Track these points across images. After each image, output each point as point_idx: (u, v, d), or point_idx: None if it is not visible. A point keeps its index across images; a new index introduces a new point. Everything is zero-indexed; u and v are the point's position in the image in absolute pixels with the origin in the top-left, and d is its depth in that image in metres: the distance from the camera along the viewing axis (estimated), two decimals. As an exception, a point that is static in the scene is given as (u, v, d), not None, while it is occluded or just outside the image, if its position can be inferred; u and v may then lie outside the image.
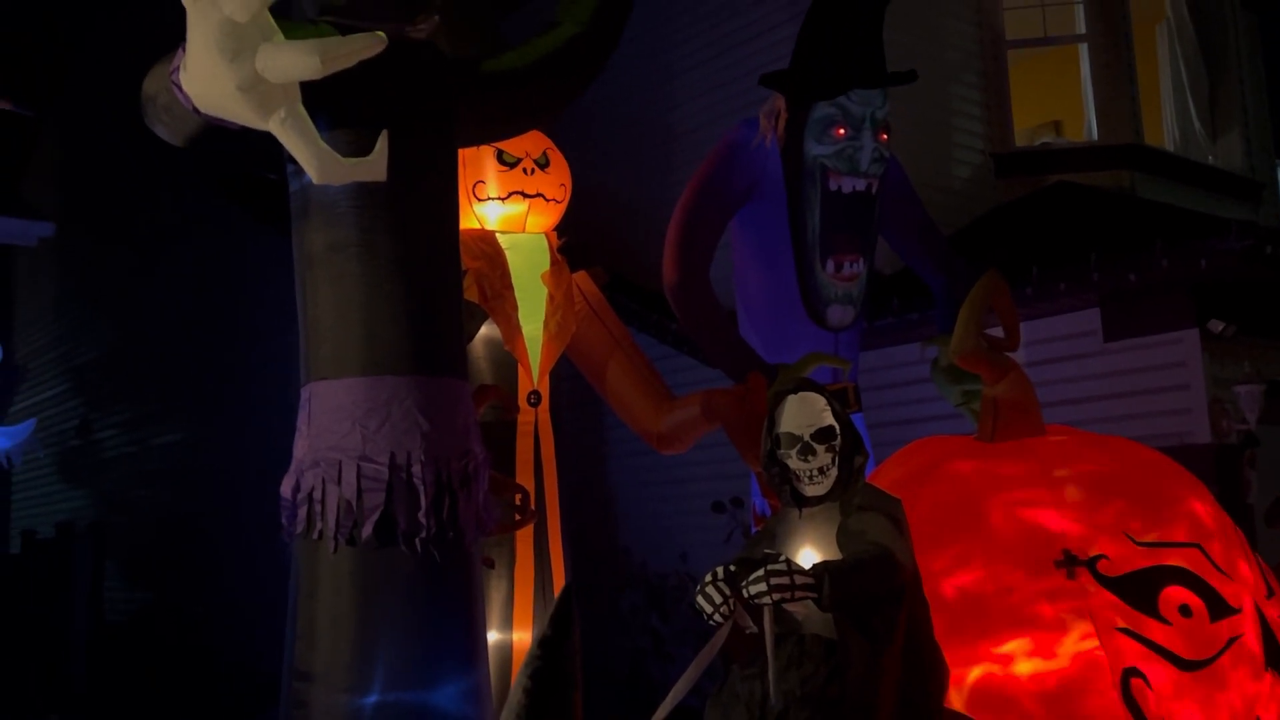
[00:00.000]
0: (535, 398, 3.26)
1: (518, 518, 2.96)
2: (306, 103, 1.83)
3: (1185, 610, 2.39)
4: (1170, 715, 2.31)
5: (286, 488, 2.23)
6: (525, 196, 3.31)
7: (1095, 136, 6.75)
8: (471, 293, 3.13)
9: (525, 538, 3.12)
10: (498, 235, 3.30)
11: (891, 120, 3.45)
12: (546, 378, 3.31)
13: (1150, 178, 6.57)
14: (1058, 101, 7.89)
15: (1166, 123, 7.41)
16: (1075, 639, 2.36)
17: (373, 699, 2.09)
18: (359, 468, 2.15)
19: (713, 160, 3.51)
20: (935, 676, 2.15)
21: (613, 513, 6.94)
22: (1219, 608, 2.42)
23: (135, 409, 10.64)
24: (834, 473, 2.23)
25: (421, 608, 2.16)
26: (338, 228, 2.19)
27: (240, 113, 1.80)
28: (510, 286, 3.26)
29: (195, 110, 1.89)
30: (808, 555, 2.18)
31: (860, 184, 3.37)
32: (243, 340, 8.79)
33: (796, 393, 2.29)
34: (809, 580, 2.01)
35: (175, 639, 8.78)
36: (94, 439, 11.27)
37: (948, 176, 6.33)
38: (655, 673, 5.95)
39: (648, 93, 7.43)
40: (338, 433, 2.18)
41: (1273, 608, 2.60)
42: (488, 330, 3.25)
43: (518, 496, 2.98)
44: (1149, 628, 2.37)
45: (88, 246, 11.30)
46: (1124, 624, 2.37)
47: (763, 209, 3.44)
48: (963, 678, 2.41)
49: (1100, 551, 2.47)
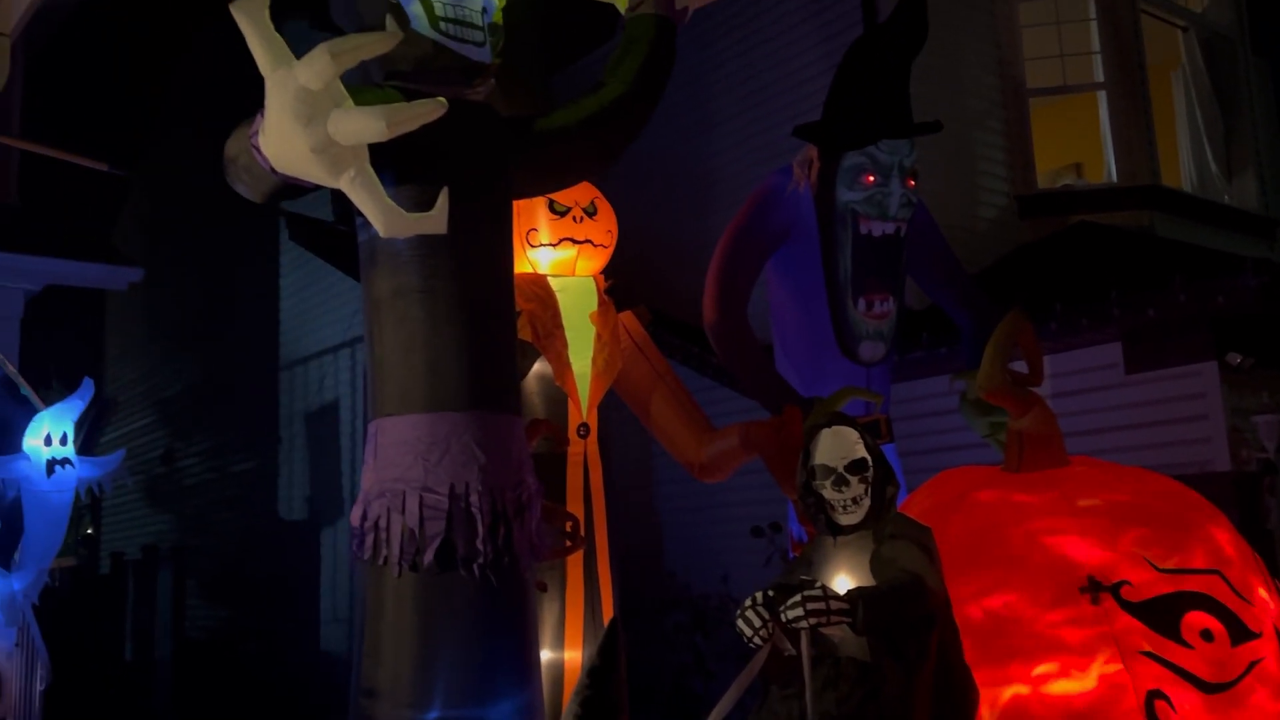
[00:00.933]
0: (584, 430, 3.28)
1: (569, 544, 2.97)
2: (374, 162, 1.87)
3: (1207, 635, 2.34)
4: (1194, 736, 2.26)
5: (355, 516, 2.26)
6: (575, 242, 3.34)
7: (1115, 178, 6.69)
8: (525, 332, 3.16)
9: (576, 562, 3.13)
10: (549, 279, 3.34)
11: (919, 166, 3.45)
12: (595, 411, 3.32)
13: (1168, 217, 6.50)
14: (1078, 145, 7.84)
15: (1184, 164, 7.33)
16: (1101, 662, 2.32)
17: (434, 714, 2.10)
18: (421, 498, 2.17)
19: (750, 206, 3.53)
20: (966, 697, 2.12)
21: (658, 537, 6.93)
22: (1240, 632, 2.37)
23: (215, 439, 10.81)
24: (867, 502, 2.22)
25: (479, 629, 2.17)
26: (402, 274, 2.23)
27: (314, 173, 1.85)
28: (561, 326, 3.29)
29: (273, 170, 1.94)
30: (842, 581, 2.17)
31: (889, 228, 3.37)
32: (313, 378, 8.91)
33: (831, 426, 2.29)
34: (844, 605, 2.00)
35: (252, 655, 8.87)
36: (177, 467, 11.47)
37: (973, 218, 6.30)
38: (698, 688, 5.91)
39: (689, 142, 7.48)
40: (401, 465, 2.20)
41: (1294, 632, 2.54)
42: (540, 367, 3.28)
43: (569, 524, 2.98)
44: (1172, 651, 2.32)
45: (171, 289, 11.55)
46: (1148, 648, 2.33)
47: (797, 251, 3.45)
48: (994, 698, 2.37)
49: (1123, 578, 2.43)
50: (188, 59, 11.12)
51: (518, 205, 2.83)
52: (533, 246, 3.31)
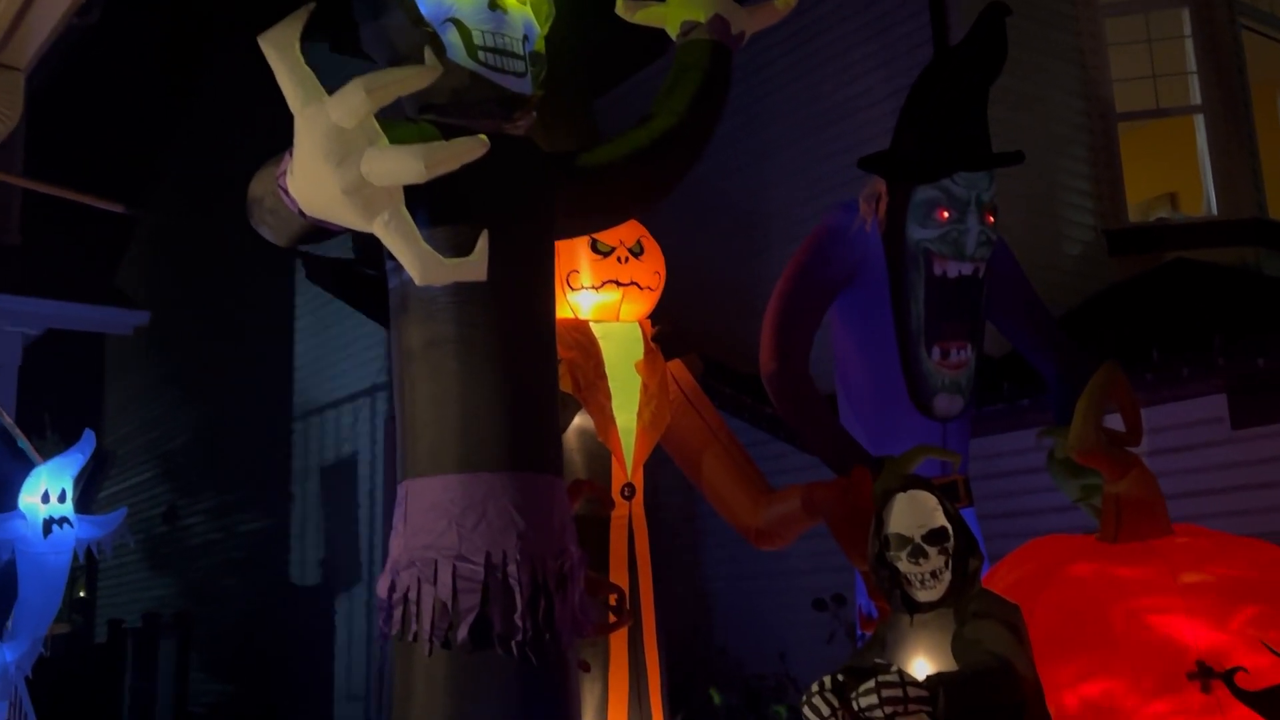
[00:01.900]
0: (629, 491, 3.27)
1: (614, 619, 2.96)
2: (408, 203, 1.90)
3: (1335, 729, 2.28)
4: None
5: (382, 588, 2.26)
6: (619, 285, 3.36)
7: (1215, 210, 6.63)
8: (565, 383, 3.17)
9: (620, 638, 3.11)
10: (591, 324, 3.36)
11: (998, 200, 3.44)
12: (640, 470, 3.32)
13: (1276, 254, 6.42)
14: (1173, 174, 7.79)
15: (1292, 194, 7.25)
16: (1214, 759, 2.27)
17: (467, 807, 2.09)
18: (454, 567, 2.17)
19: (810, 245, 3.53)
20: (1061, 797, 2.08)
21: (708, 609, 6.88)
22: (1373, 727, 2.30)
23: (222, 496, 10.93)
24: (947, 577, 2.19)
25: (517, 713, 2.17)
26: (436, 323, 2.26)
27: (345, 215, 1.88)
28: (604, 376, 3.30)
29: (301, 213, 1.98)
30: (921, 665, 2.14)
31: (966, 268, 3.36)
32: (329, 430, 8.99)
33: (905, 490, 2.27)
34: (923, 693, 1.97)
35: (257, 733, 8.89)
36: (180, 526, 11.59)
37: (1058, 255, 6.27)
38: (753, 779, 5.83)
39: (742, 174, 7.54)
40: (433, 531, 2.21)
41: None
42: (581, 421, 3.29)
43: (613, 597, 2.98)
44: (1295, 748, 2.26)
45: (178, 334, 11.77)
46: (1267, 743, 2.27)
47: (864, 295, 3.44)
48: (1091, 798, 2.32)
49: (1237, 663, 2.37)
50: (198, 93, 11.42)
51: (557, 245, 2.86)
52: (573, 289, 3.34)
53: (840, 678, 2.08)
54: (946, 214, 3.32)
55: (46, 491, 4.73)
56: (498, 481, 2.23)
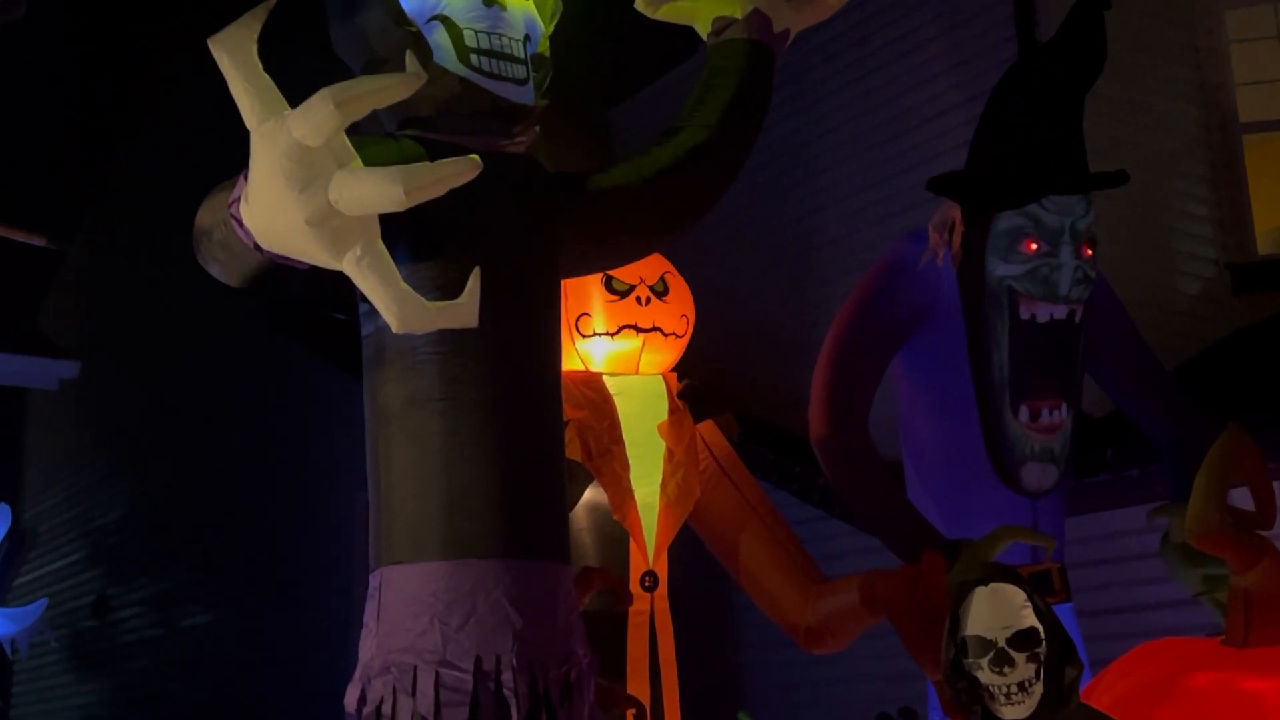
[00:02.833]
0: (651, 581, 3.27)
1: (631, 738, 2.94)
2: (385, 235, 1.92)
3: None
4: None
5: (350, 699, 2.26)
6: (639, 331, 3.38)
7: (1362, 241, 6.62)
8: (573, 449, 3.18)
9: (639, 761, 3.09)
10: (605, 378, 3.37)
11: (1097, 228, 3.45)
12: (664, 555, 3.31)
13: None
14: (1310, 196, 7.78)
15: None
16: None
17: None
18: (437, 675, 2.16)
19: (871, 283, 3.54)
20: None
21: (745, 723, 6.81)
22: None
23: (161, 583, 10.95)
24: (1038, 689, 2.19)
25: None
26: (418, 378, 2.27)
27: (309, 250, 1.89)
28: (620, 441, 3.30)
29: (257, 247, 1.99)
30: (1007, 797, 2.12)
31: (1059, 311, 3.35)
32: (293, 504, 9.02)
33: (987, 583, 2.26)
34: (1011, 832, 1.95)
35: None
36: (112, 619, 11.60)
37: (1171, 294, 6.26)
38: None
39: (785, 196, 7.58)
40: (413, 631, 2.20)
41: None
42: (593, 495, 3.29)
43: (630, 712, 2.96)
44: None
45: (112, 388, 11.85)
46: None
47: (935, 343, 3.44)
48: None
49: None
50: (136, 104, 11.59)
51: (566, 285, 2.88)
52: (584, 336, 3.36)
53: (908, 813, 2.06)
54: (1035, 246, 3.32)
55: (-48, 579, 4.76)
56: (490, 570, 2.22)
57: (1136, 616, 4.89)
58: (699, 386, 3.48)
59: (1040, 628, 2.21)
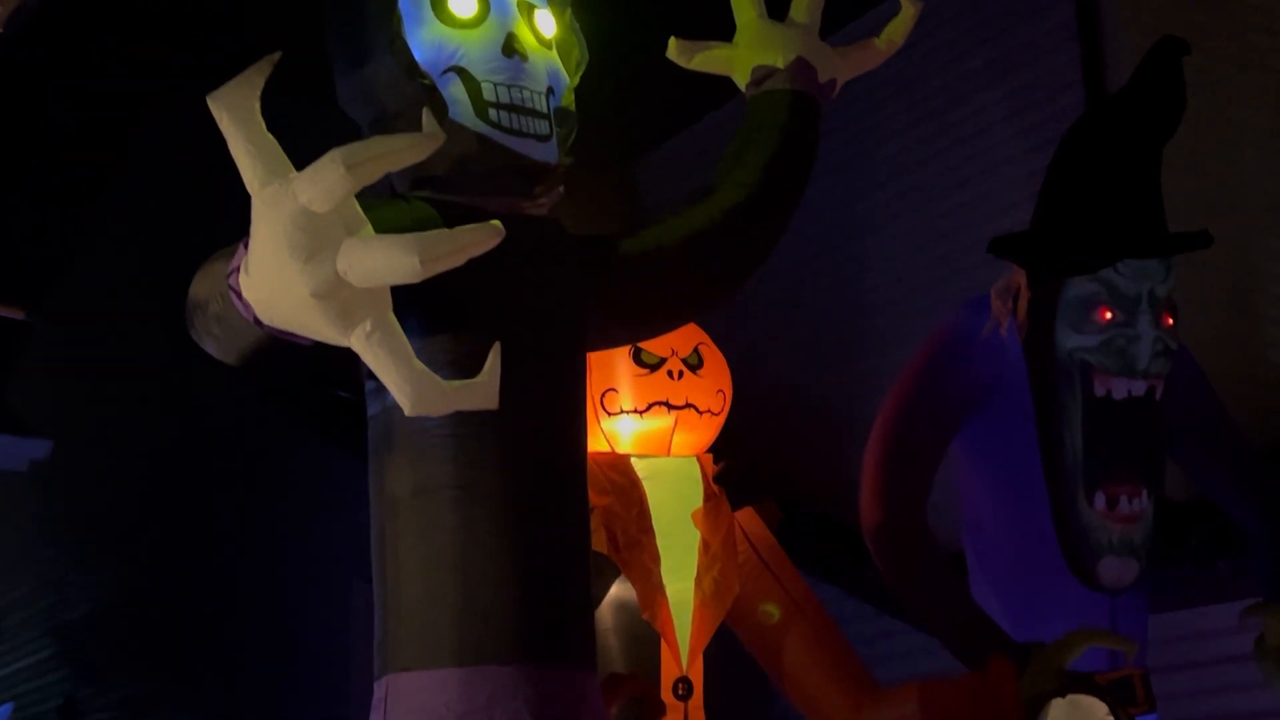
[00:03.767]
0: (685, 689, 3.25)
1: None
2: (397, 307, 1.93)
3: None
4: None
5: (353, 823, 2.25)
6: (671, 408, 3.37)
7: None
8: (599, 540, 3.17)
9: None
10: (633, 461, 3.37)
11: (1178, 295, 3.45)
12: (699, 659, 3.29)
13: None
14: None
15: None
16: None
17: None
18: (451, 796, 2.16)
19: (928, 355, 3.55)
20: None
21: None
22: None
23: (137, 687, 10.91)
24: (1123, 812, 2.15)
25: None
26: (429, 463, 2.27)
27: (315, 325, 1.89)
28: (650, 530, 3.30)
29: (256, 321, 2.00)
30: None
31: (1138, 386, 3.35)
32: (286, 600, 9.00)
33: (1064, 694, 2.26)
34: None
35: None
36: (82, 727, 11.55)
37: (1262, 367, 6.24)
38: None
39: (831, 255, 7.60)
40: (423, 746, 2.20)
41: None
42: (620, 591, 3.28)
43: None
44: None
45: (84, 471, 11.88)
46: None
47: (1000, 422, 3.45)
48: None
49: None
50: (122, 163, 11.70)
51: (591, 358, 2.89)
52: (610, 414, 3.36)
53: None
54: (1110, 315, 3.32)
55: (-92, 681, 4.77)
56: (509, 678, 2.21)
57: (1229, 728, 4.84)
58: (737, 469, 3.47)
59: (1123, 743, 2.19)
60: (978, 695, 2.97)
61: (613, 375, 3.35)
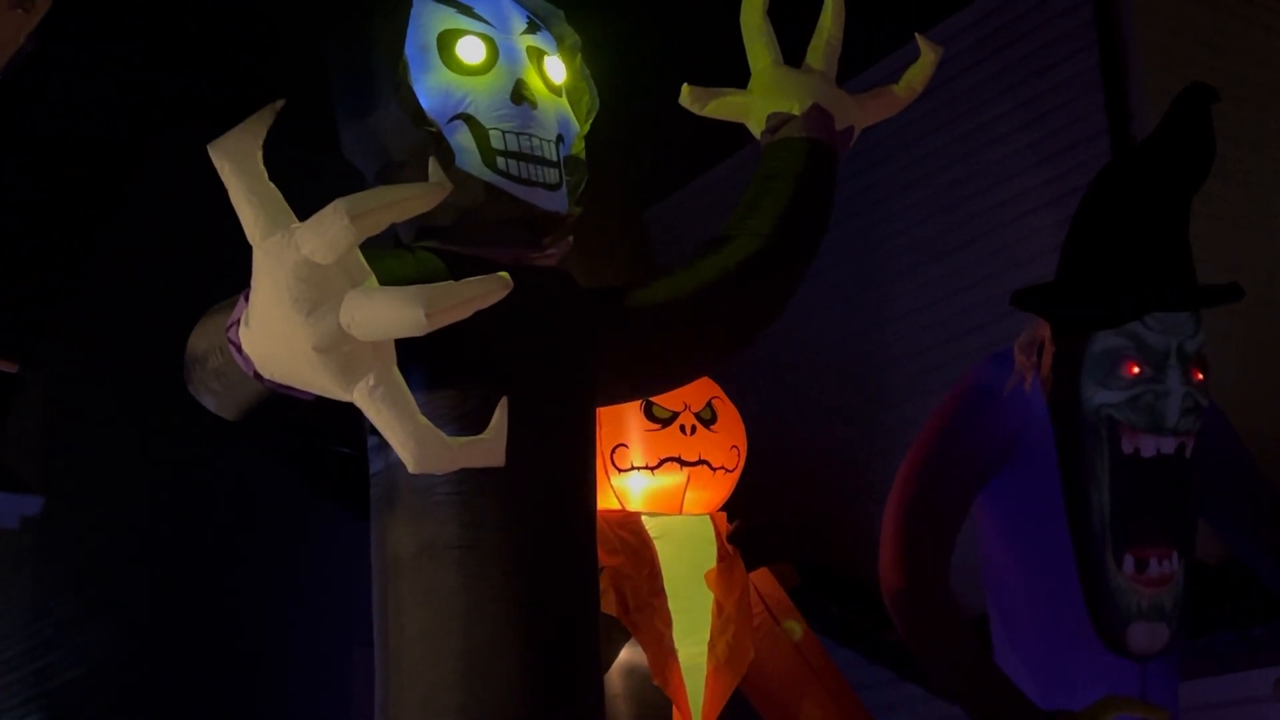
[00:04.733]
0: (698, 757, 3.23)
1: None
2: (401, 361, 1.93)
3: None
4: None
5: None
6: (683, 464, 3.38)
7: None
8: (608, 602, 3.17)
9: None
10: (644, 519, 3.37)
11: (1209, 350, 3.44)
12: (714, 726, 3.28)
13: None
14: None
15: None
16: None
17: None
18: None
19: (949, 411, 3.54)
20: None
21: None
22: None
23: (132, 755, 10.84)
24: None
25: None
26: (434, 522, 2.26)
27: (317, 380, 1.90)
28: (661, 592, 3.30)
29: (257, 375, 2.01)
30: None
31: (1167, 444, 3.34)
32: (285, 663, 8.97)
33: (1092, 766, 2.22)
34: None
35: None
36: (71, 798, 11.48)
37: (1296, 424, 6.20)
38: None
39: (848, 307, 7.60)
40: (424, 820, 2.19)
41: None
42: (630, 655, 3.27)
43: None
44: None
45: (78, 529, 11.87)
46: None
47: (1023, 481, 3.44)
48: None
49: None
50: (119, 211, 11.76)
51: (601, 412, 2.89)
52: (620, 471, 3.36)
53: None
54: (1137, 369, 3.32)
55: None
56: (515, 745, 2.20)
57: (1265, 802, 4.79)
58: (752, 529, 3.47)
59: (1155, 818, 2.17)
60: (1003, 766, 2.96)
61: (623, 430, 3.35)
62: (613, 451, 3.35)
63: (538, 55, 2.50)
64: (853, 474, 6.68)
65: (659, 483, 3.38)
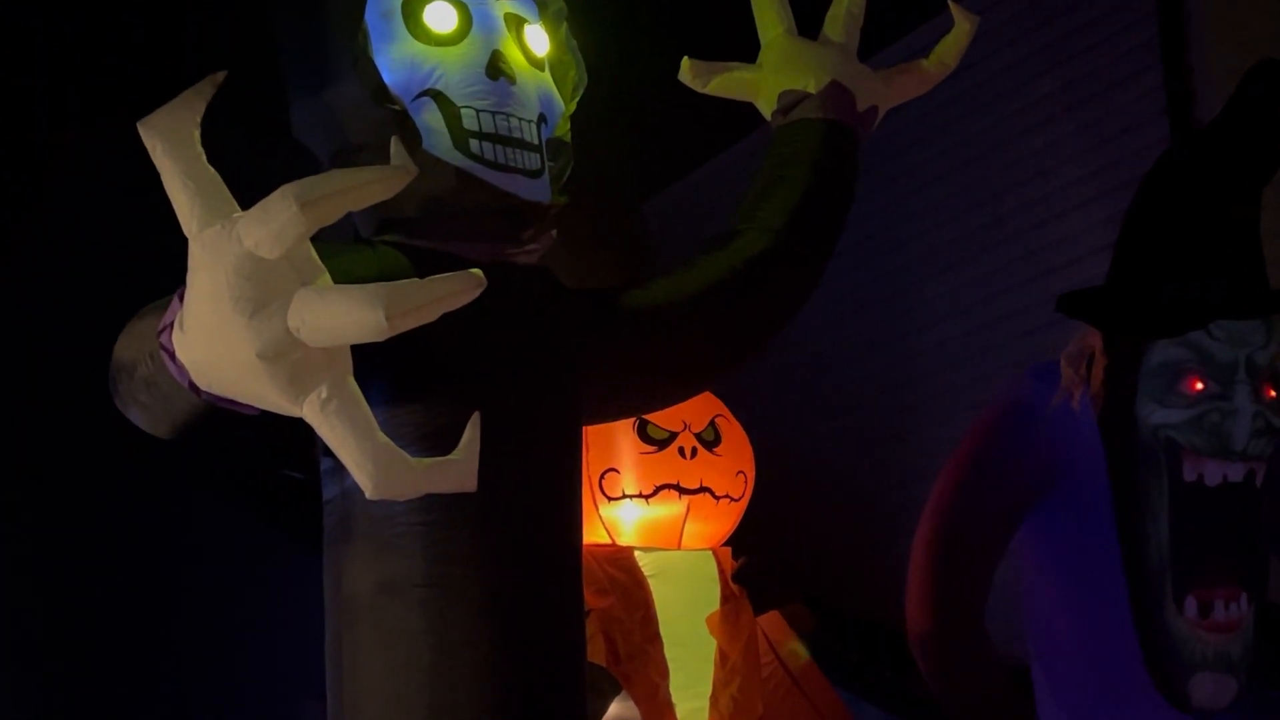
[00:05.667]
0: (698, 828, 3.24)
1: None
2: (359, 370, 1.93)
3: None
4: None
5: None
6: (682, 492, 3.39)
7: None
8: (595, 649, 3.17)
9: None
10: (637, 554, 3.37)
11: (1280, 364, 3.45)
12: (716, 791, 3.29)
13: None
14: None
15: None
16: None
17: None
18: None
19: (985, 432, 3.56)
20: None
21: None
22: None
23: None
24: None
25: None
26: (396, 556, 2.25)
27: (261, 392, 1.88)
28: (657, 638, 3.32)
29: (193, 387, 1.99)
30: None
31: (1234, 471, 3.33)
32: (221, 718, 8.98)
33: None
34: None
35: None
36: None
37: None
38: None
39: (869, 312, 7.60)
40: None
41: None
42: (621, 710, 3.26)
43: None
44: None
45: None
46: None
47: (1070, 512, 3.44)
48: None
49: None
50: (34, 198, 11.76)
51: (589, 432, 2.89)
52: (611, 499, 3.37)
53: None
54: (1201, 385, 3.31)
55: None
56: (488, 813, 2.21)
57: None
58: (761, 566, 3.47)
59: None
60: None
61: (614, 453, 3.36)
62: (602, 477, 3.36)
63: (517, 23, 2.49)
64: (875, 504, 6.66)
65: (654, 513, 3.39)
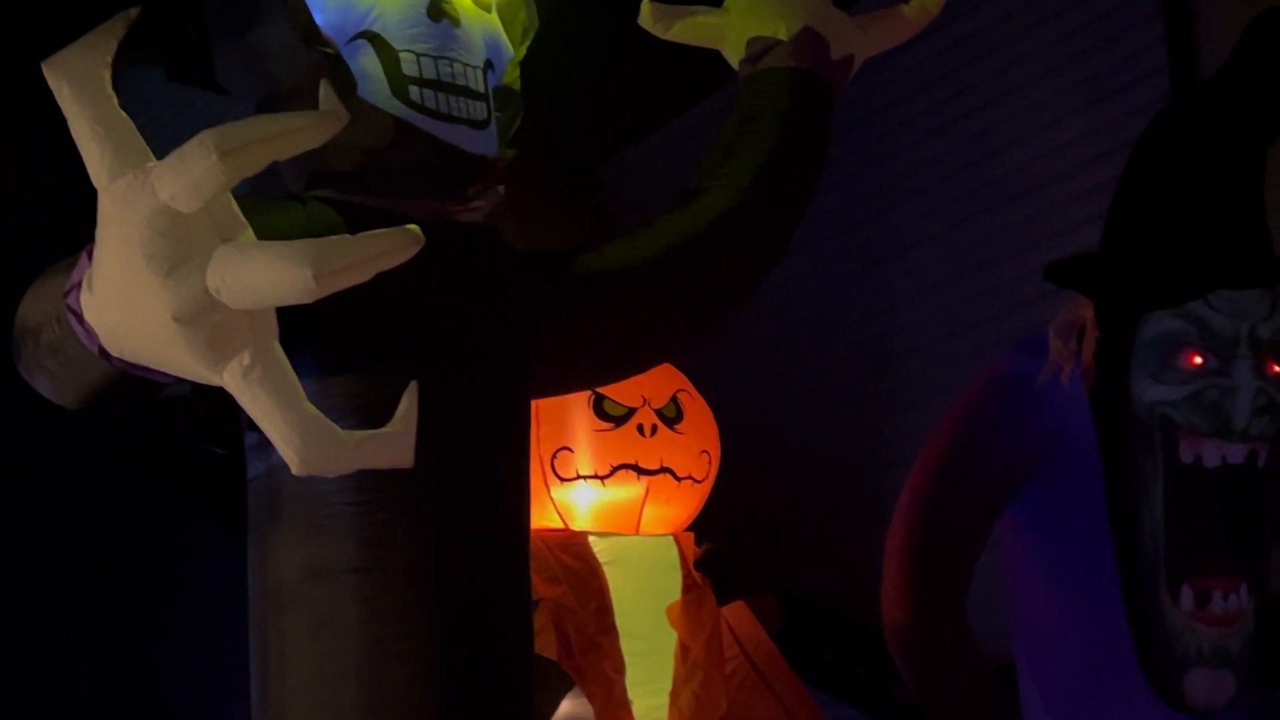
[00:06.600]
0: (655, 832, 3.25)
1: None
2: (285, 336, 1.91)
3: None
4: None
5: None
6: (641, 473, 3.40)
7: None
8: (545, 641, 3.17)
9: None
10: (592, 540, 3.38)
11: (1285, 337, 3.46)
12: (675, 795, 3.29)
13: None
14: None
15: None
16: None
17: None
18: None
19: (968, 410, 3.57)
20: None
21: None
22: None
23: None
24: None
25: None
26: (326, 539, 2.25)
27: (177, 358, 1.87)
28: (613, 630, 3.33)
29: (102, 352, 1.97)
30: None
31: (1235, 452, 3.34)
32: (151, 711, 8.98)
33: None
34: None
35: None
36: None
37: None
38: None
39: (846, 282, 7.61)
40: None
41: None
42: (573, 708, 3.27)
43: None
44: None
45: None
46: None
47: (1059, 495, 3.45)
48: None
49: None
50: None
51: (540, 407, 2.88)
52: (563, 480, 3.38)
53: None
54: (1199, 360, 3.32)
55: None
56: (425, 817, 2.21)
57: None
58: (726, 553, 3.47)
59: None
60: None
61: (567, 430, 3.36)
62: (554, 456, 3.37)
63: None
64: (850, 487, 6.67)
65: (611, 495, 3.40)
